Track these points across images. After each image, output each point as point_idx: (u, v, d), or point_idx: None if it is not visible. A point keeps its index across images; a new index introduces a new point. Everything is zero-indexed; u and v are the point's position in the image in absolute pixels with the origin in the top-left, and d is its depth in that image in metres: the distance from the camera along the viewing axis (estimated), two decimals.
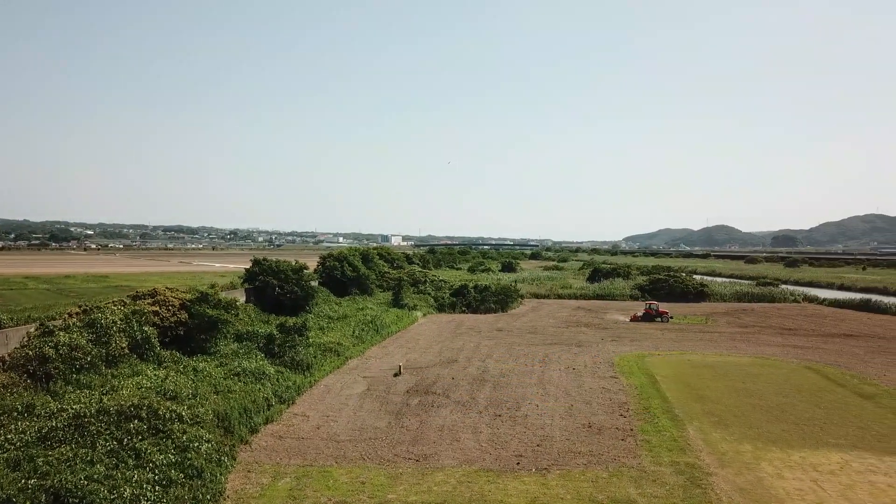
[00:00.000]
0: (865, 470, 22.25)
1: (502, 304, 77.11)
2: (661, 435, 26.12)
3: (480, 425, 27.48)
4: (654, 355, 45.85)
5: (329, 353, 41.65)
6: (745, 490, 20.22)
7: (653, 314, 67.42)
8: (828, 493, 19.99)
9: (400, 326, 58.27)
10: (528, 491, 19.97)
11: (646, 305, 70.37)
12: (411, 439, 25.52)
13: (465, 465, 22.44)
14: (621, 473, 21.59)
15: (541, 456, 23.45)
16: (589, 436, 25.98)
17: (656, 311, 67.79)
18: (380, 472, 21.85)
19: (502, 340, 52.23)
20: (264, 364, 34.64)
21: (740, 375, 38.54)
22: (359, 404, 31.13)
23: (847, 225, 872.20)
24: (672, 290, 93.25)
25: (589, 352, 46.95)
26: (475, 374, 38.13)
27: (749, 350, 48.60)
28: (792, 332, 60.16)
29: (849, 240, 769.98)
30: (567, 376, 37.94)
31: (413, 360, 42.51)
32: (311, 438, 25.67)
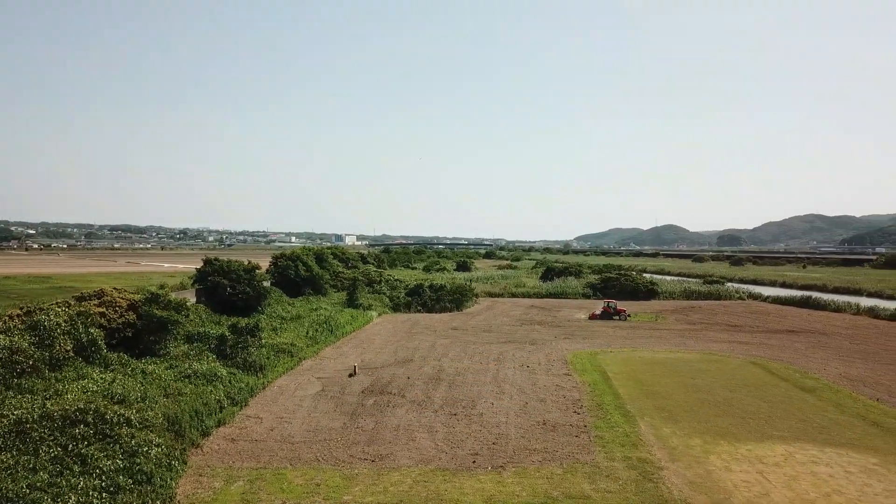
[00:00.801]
0: (808, 461, 23.04)
1: (457, 304, 77.33)
2: (614, 431, 26.56)
3: (436, 424, 27.50)
4: (607, 352, 46.61)
5: (282, 353, 41.09)
6: (695, 483, 20.73)
7: (611, 312, 68.57)
8: (773, 485, 20.63)
9: (355, 326, 57.89)
10: (484, 489, 20.07)
11: (604, 304, 71.57)
12: (367, 440, 25.38)
13: (421, 465, 22.42)
14: (575, 470, 21.88)
15: (496, 454, 23.59)
16: (544, 433, 26.25)
17: (615, 310, 68.96)
18: (335, 473, 21.65)
19: (458, 339, 52.38)
20: (216, 365, 33.97)
21: (689, 371, 39.47)
22: (313, 405, 30.81)
23: (788, 225, 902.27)
24: (623, 289, 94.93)
25: (543, 350, 47.45)
26: (431, 374, 38.14)
27: (697, 346, 49.82)
28: (737, 328, 61.89)
29: (790, 239, 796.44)
30: (521, 374, 38.27)
31: (368, 360, 42.28)
32: (264, 440, 25.30)
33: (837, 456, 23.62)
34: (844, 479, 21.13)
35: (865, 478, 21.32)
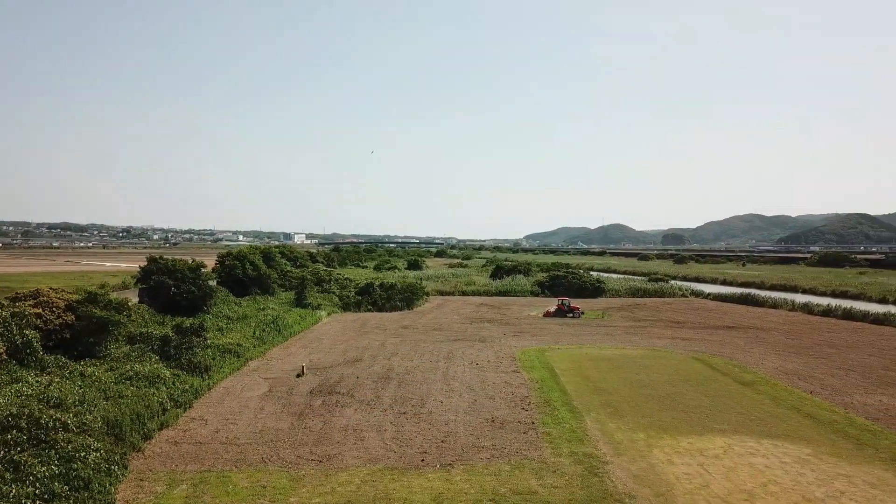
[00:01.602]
0: (746, 452, 23.80)
1: (408, 302, 77.23)
2: (561, 427, 26.94)
3: (385, 423, 27.42)
4: (554, 349, 47.24)
5: (228, 354, 40.33)
6: (639, 477, 21.19)
7: (565, 310, 69.64)
8: (713, 476, 21.26)
9: (303, 326, 57.24)
10: (433, 487, 20.10)
11: (559, 301, 72.63)
12: (314, 440, 25.13)
13: (369, 465, 22.32)
14: (523, 466, 22.11)
15: (445, 452, 23.66)
16: (492, 430, 26.44)
17: (568, 307, 70.07)
18: (282, 474, 21.37)
19: (408, 338, 52.32)
20: (159, 367, 33.12)
21: (634, 367, 40.32)
22: (260, 406, 30.34)
23: (729, 224, 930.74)
24: (570, 286, 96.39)
25: (492, 347, 47.79)
26: (380, 373, 37.99)
27: (642, 343, 50.93)
28: (680, 325, 63.52)
29: (731, 238, 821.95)
30: (471, 372, 38.46)
31: (317, 361, 41.86)
32: (209, 443, 24.79)
33: (773, 447, 24.47)
34: (780, 470, 21.91)
35: (799, 468, 22.15)
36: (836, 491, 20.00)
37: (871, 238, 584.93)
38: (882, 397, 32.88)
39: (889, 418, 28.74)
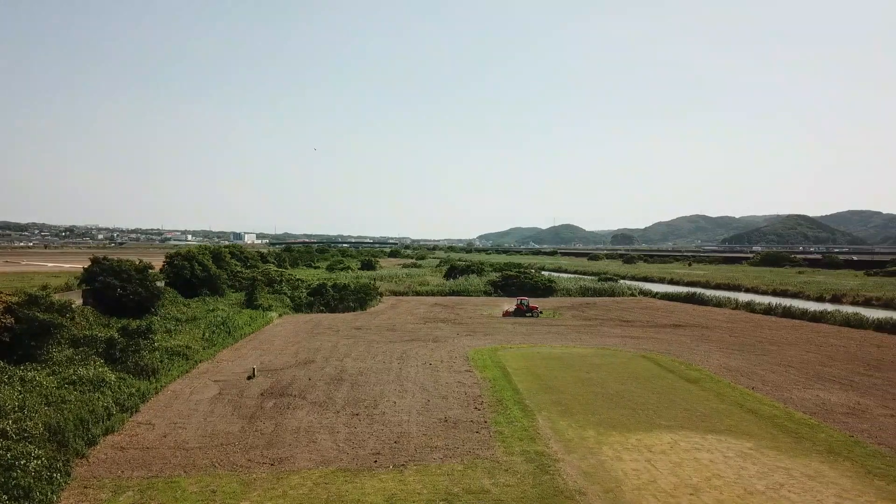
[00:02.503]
0: (691, 448, 24.50)
1: (361, 303, 76.81)
2: (513, 426, 27.25)
3: (338, 425, 27.29)
4: (507, 348, 47.70)
5: (177, 356, 39.47)
6: (589, 473, 21.61)
7: (524, 310, 70.49)
8: (660, 472, 21.83)
9: (254, 328, 56.42)
10: (386, 489, 20.12)
11: (517, 301, 73.52)
12: (266, 443, 24.85)
13: (322, 467, 22.20)
14: (476, 465, 22.31)
15: (398, 453, 23.69)
16: (445, 430, 26.58)
17: (527, 307, 70.97)
18: (232, 478, 21.09)
19: (361, 339, 52.09)
20: (104, 371, 32.22)
21: (584, 366, 41.01)
22: (209, 409, 29.83)
23: (676, 225, 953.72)
24: (522, 286, 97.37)
25: (445, 347, 47.97)
26: (333, 374, 37.76)
27: (592, 341, 51.82)
28: (629, 323, 64.85)
29: (678, 238, 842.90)
30: (424, 372, 38.55)
31: (268, 362, 41.34)
32: (156, 448, 24.27)
33: (718, 442, 25.24)
34: (723, 464, 22.63)
35: (742, 462, 22.91)
36: (776, 483, 20.76)
37: (809, 238, 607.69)
38: (819, 392, 34.21)
39: (825, 413, 29.93)
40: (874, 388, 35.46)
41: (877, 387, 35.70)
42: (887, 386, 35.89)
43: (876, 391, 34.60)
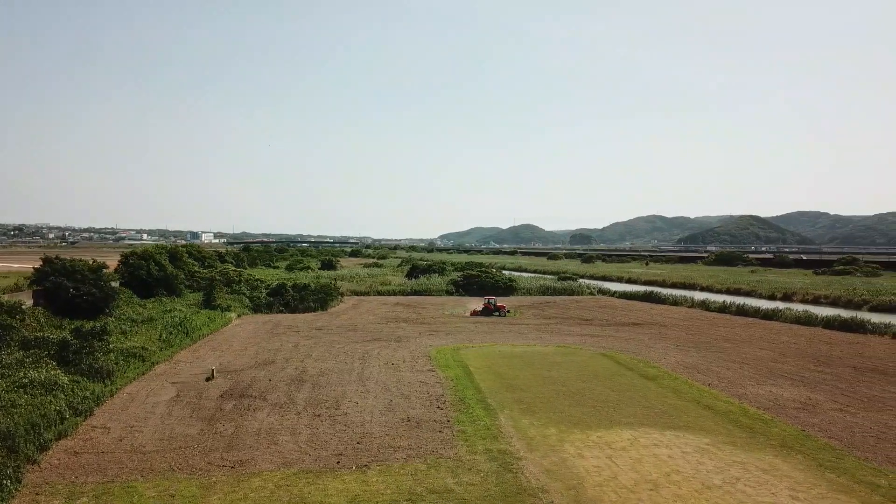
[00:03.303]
0: (650, 444, 24.93)
1: (322, 303, 76.16)
2: (476, 424, 27.34)
3: (299, 426, 27.01)
4: (469, 347, 47.85)
5: (133, 358, 38.57)
6: (551, 471, 21.82)
7: (491, 309, 70.93)
8: (620, 468, 22.15)
9: (212, 328, 55.47)
10: (349, 490, 19.99)
11: (485, 300, 74.02)
12: (225, 445, 24.46)
13: (283, 469, 21.95)
14: (439, 465, 22.32)
15: (361, 453, 23.56)
16: (408, 430, 26.54)
17: (494, 306, 71.43)
18: (191, 482, 20.69)
19: (322, 339, 51.67)
20: (57, 373, 31.28)
21: (545, 364, 41.39)
22: (167, 412, 29.23)
23: (633, 225, 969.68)
24: (483, 285, 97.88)
25: (407, 347, 47.90)
26: (293, 375, 37.37)
27: (553, 340, 52.34)
28: (588, 322, 65.68)
29: (635, 238, 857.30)
30: (386, 372, 38.42)
31: (227, 363, 40.70)
32: (112, 452, 23.67)
33: (676, 438, 25.73)
34: (682, 459, 23.08)
35: (699, 457, 23.41)
36: (733, 478, 21.27)
37: (760, 238, 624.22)
38: (772, 388, 35.16)
39: (778, 408, 30.78)
40: (824, 383, 36.60)
41: (826, 382, 36.85)
42: (836, 381, 37.07)
43: (825, 386, 35.71)
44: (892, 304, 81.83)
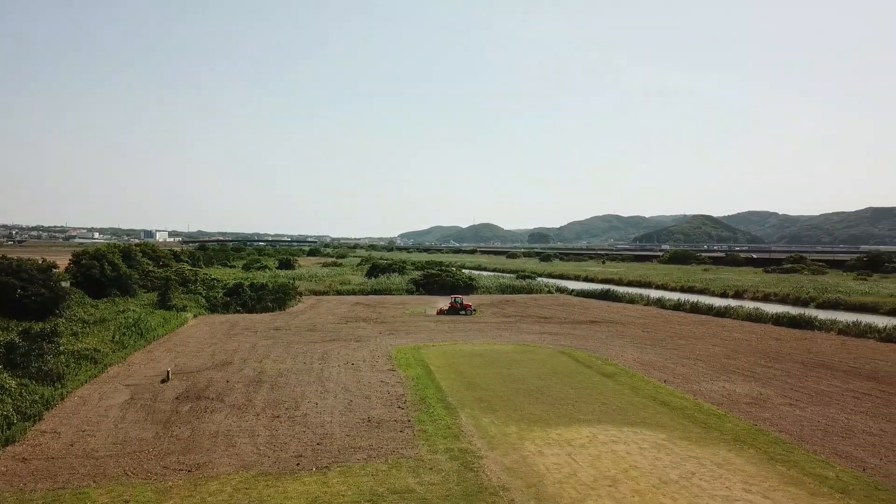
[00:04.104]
0: (609, 440, 25.31)
1: (280, 303, 75.27)
2: (437, 424, 27.38)
3: (258, 428, 26.67)
4: (429, 346, 47.87)
5: (85, 360, 37.52)
6: (512, 469, 21.97)
7: (458, 308, 71.21)
8: (580, 465, 22.44)
9: (167, 329, 54.33)
10: (309, 491, 19.81)
11: (451, 299, 74.25)
12: (182, 448, 24.00)
13: (241, 471, 21.63)
14: (400, 465, 22.28)
15: (321, 454, 23.37)
16: (368, 430, 26.42)
17: (461, 305, 71.72)
18: (146, 487, 20.23)
19: (280, 339, 51.07)
20: (4, 377, 30.10)
21: (505, 362, 41.66)
22: (121, 415, 28.54)
23: (590, 224, 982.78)
24: (444, 284, 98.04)
25: (367, 346, 47.68)
26: (251, 376, 36.86)
27: (512, 338, 52.72)
28: (547, 320, 66.34)
29: (592, 237, 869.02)
30: (346, 372, 38.18)
31: (183, 365, 39.92)
32: (63, 457, 23.00)
33: (633, 434, 26.18)
34: (639, 455, 23.49)
35: (656, 452, 23.86)
36: (688, 472, 21.74)
37: (713, 237, 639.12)
38: (725, 384, 36.05)
39: (731, 403, 31.58)
40: (774, 378, 37.68)
41: (776, 377, 37.95)
42: (785, 377, 38.21)
43: (776, 382, 36.77)
44: (837, 301, 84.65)
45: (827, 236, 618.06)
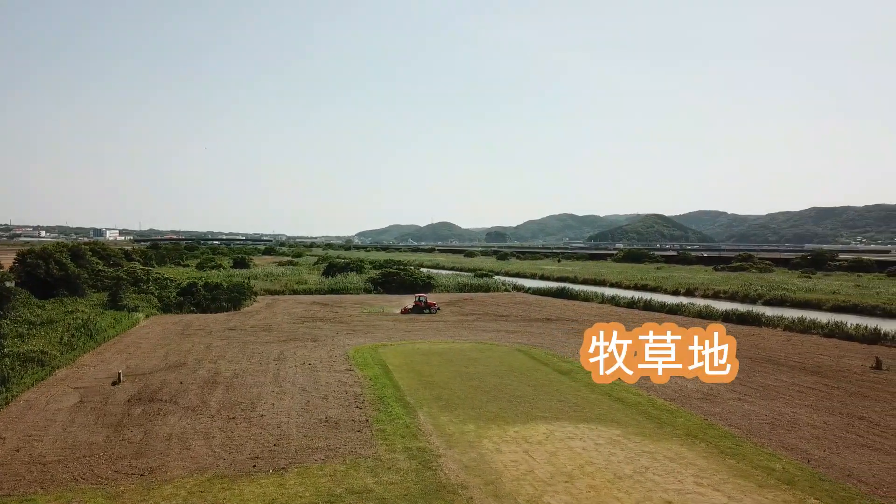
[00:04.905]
0: (565, 437, 25.68)
1: (235, 303, 74.12)
2: (395, 423, 27.38)
3: (213, 430, 26.27)
4: (387, 346, 47.78)
5: (31, 363, 36.40)
6: (470, 467, 22.13)
7: (422, 306, 71.21)
8: (537, 462, 22.73)
9: (119, 330, 53.03)
10: (266, 493, 19.62)
11: (415, 298, 74.30)
12: (134, 452, 23.49)
13: (196, 474, 21.29)
14: (358, 465, 22.22)
15: (278, 456, 23.16)
16: (326, 430, 26.28)
17: (425, 304, 71.73)
18: (97, 493, 19.76)
19: (235, 340, 50.33)
20: None
21: (463, 360, 41.87)
22: (69, 419, 27.78)
23: (546, 223, 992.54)
24: (402, 283, 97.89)
25: (325, 346, 47.35)
26: (206, 377, 36.25)
27: (470, 336, 52.99)
28: (504, 318, 66.87)
29: (548, 236, 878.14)
30: (303, 372, 37.87)
31: (135, 366, 39.04)
32: (8, 464, 22.28)
33: (589, 430, 26.62)
34: (595, 451, 23.91)
35: (611, 448, 24.31)
36: (643, 467, 22.23)
37: (665, 236, 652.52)
38: (676, 380, 36.78)
39: (683, 399, 32.36)
40: None
41: None
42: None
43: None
44: (783, 299, 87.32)
45: (773, 235, 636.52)
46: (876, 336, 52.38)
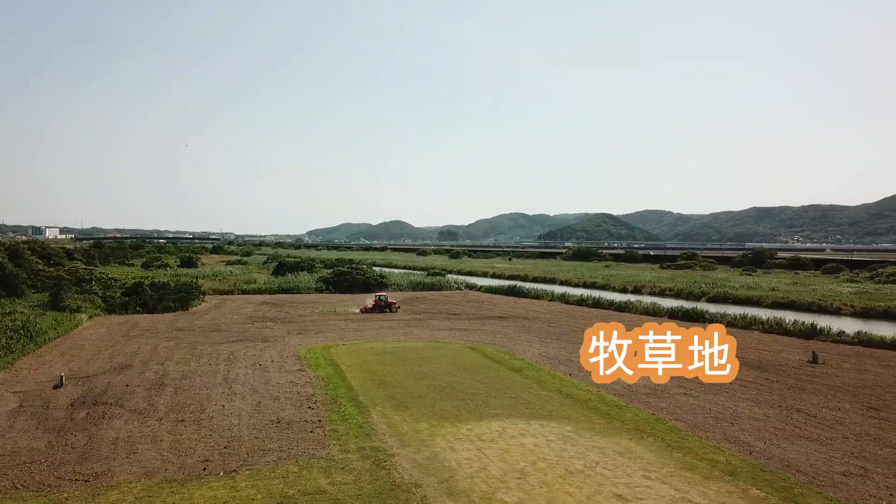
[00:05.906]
0: (518, 434, 26.00)
1: (182, 302, 72.54)
2: (348, 423, 27.28)
3: (161, 433, 25.72)
4: (340, 345, 47.51)
5: None
6: (423, 465, 22.22)
7: (382, 305, 70.84)
8: (490, 459, 22.97)
9: (60, 332, 51.34)
10: (217, 497, 19.33)
11: (375, 297, 73.77)
12: (78, 458, 22.84)
13: (144, 479, 20.82)
14: (311, 466, 22.08)
15: (228, 458, 22.83)
16: (278, 431, 26.02)
17: (385, 302, 71.34)
18: (38, 500, 19.15)
19: (183, 340, 49.31)
20: None
21: (416, 359, 41.94)
22: (8, 424, 26.81)
23: (497, 222, 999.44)
24: (354, 282, 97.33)
25: (275, 346, 46.80)
26: (153, 379, 35.44)
27: (423, 335, 53.10)
28: (457, 316, 67.20)
29: (499, 234, 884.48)
30: (254, 373, 37.37)
31: (78, 369, 37.88)
32: None
33: (541, 427, 27.01)
34: (546, 447, 24.29)
35: (562, 444, 24.73)
36: (593, 462, 22.69)
37: (613, 235, 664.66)
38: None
39: (631, 394, 33.08)
40: None
41: None
42: None
43: None
44: (726, 296, 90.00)
45: (716, 234, 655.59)
46: (812, 331, 54.54)
